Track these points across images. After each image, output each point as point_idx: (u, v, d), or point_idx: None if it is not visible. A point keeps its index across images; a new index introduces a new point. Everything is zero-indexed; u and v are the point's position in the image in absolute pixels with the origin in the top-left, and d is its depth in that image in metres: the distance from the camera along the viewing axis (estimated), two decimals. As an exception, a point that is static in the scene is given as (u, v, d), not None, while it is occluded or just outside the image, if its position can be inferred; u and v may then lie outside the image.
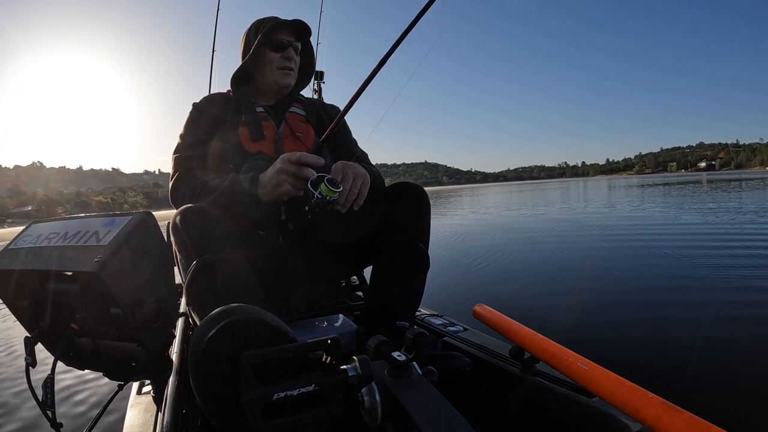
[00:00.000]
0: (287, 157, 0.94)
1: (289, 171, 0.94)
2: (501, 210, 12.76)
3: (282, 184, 0.94)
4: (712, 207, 8.88)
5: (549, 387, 0.89)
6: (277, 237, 1.16)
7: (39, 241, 0.78)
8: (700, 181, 31.01)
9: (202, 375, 0.51)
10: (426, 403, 0.55)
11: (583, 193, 22.06)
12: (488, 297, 3.05)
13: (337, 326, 1.10)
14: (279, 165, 0.95)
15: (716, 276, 3.17)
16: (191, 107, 1.26)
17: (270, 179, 0.96)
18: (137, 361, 0.80)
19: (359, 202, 0.97)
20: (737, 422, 1.29)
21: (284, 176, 0.94)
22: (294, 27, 1.25)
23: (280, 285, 1.16)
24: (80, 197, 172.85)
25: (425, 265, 1.12)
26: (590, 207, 11.54)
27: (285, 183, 0.94)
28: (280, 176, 0.94)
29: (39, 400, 0.71)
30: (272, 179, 0.95)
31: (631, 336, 2.11)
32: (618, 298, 2.80)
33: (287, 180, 0.94)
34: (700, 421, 0.57)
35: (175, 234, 0.92)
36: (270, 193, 0.97)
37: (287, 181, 0.94)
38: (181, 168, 1.12)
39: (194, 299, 0.87)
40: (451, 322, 1.34)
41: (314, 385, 0.52)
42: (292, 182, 0.94)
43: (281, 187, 0.94)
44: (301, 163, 0.93)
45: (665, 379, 1.63)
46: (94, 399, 1.77)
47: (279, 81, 1.24)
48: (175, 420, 0.63)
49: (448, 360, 0.96)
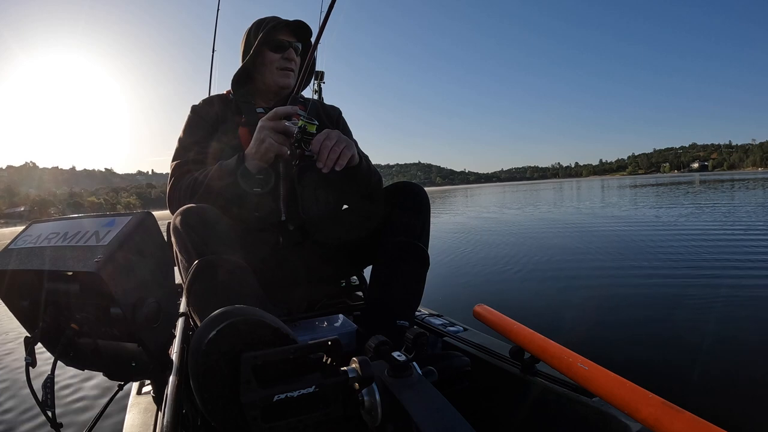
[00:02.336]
0: (264, 117, 1.00)
1: (269, 126, 0.98)
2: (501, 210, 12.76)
3: (264, 140, 0.98)
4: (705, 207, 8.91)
5: (549, 387, 0.89)
6: (277, 237, 1.16)
7: (39, 241, 0.78)
8: (692, 182, 31.14)
9: (203, 376, 0.51)
10: (426, 403, 0.55)
11: (577, 194, 22.11)
12: (488, 297, 3.05)
13: (337, 326, 1.10)
14: (259, 125, 1.00)
15: (716, 276, 3.18)
16: (190, 110, 1.25)
17: (253, 143, 1.00)
18: (137, 361, 0.80)
19: (342, 163, 0.98)
20: (737, 422, 1.30)
21: (265, 132, 0.98)
22: (294, 27, 1.25)
23: (281, 285, 1.16)
24: (73, 198, 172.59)
25: (425, 264, 1.12)
26: (586, 207, 11.55)
27: (267, 138, 0.97)
28: (260, 134, 0.98)
29: (39, 400, 0.71)
30: (255, 142, 0.99)
31: (631, 336, 2.11)
32: (618, 298, 2.80)
33: (269, 135, 0.97)
34: (700, 421, 0.57)
35: (176, 234, 0.92)
36: (255, 154, 0.99)
37: (269, 136, 0.97)
38: (177, 174, 1.12)
39: (195, 299, 0.87)
40: (451, 322, 1.34)
41: (315, 386, 0.52)
42: (274, 137, 0.98)
43: (264, 143, 0.98)
44: (278, 115, 0.98)
45: (665, 379, 1.63)
46: (94, 399, 1.77)
47: (278, 81, 1.24)
48: (175, 420, 0.63)
49: (448, 360, 0.96)
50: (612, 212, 9.33)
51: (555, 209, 11.50)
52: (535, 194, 24.88)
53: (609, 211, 9.56)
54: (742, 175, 56.90)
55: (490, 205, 15.60)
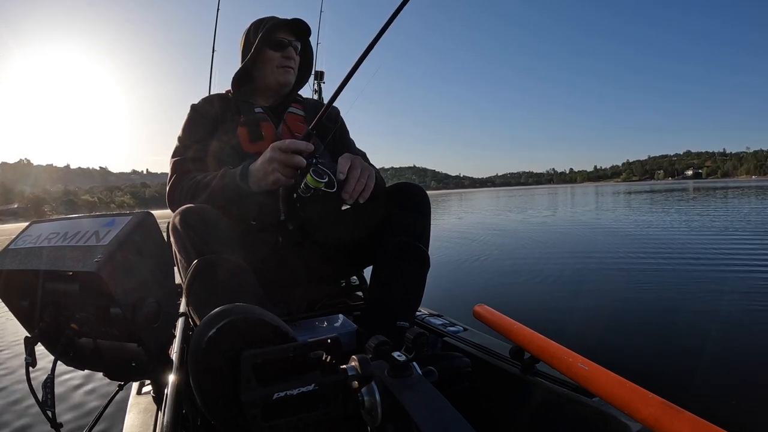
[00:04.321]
0: (277, 146, 0.92)
1: (279, 159, 0.91)
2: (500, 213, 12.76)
3: (272, 173, 0.92)
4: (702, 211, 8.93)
5: (549, 387, 0.89)
6: (277, 237, 1.16)
7: (39, 241, 0.78)
8: (686, 189, 31.26)
9: (202, 375, 0.51)
10: (426, 403, 0.55)
11: (571, 199, 22.17)
12: (488, 297, 3.05)
13: (337, 326, 1.10)
14: (269, 154, 0.93)
15: (716, 276, 3.18)
16: (189, 109, 1.25)
17: (260, 168, 0.94)
18: (137, 361, 0.80)
19: (365, 195, 0.95)
20: (737, 422, 1.30)
21: (274, 165, 0.92)
22: (294, 26, 1.25)
23: (280, 285, 1.16)
24: (68, 196, 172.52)
25: (425, 265, 1.11)
26: (583, 212, 11.56)
27: (275, 172, 0.92)
28: (270, 165, 0.92)
29: (39, 400, 0.71)
30: (262, 168, 0.94)
31: (632, 336, 2.11)
32: (618, 299, 2.80)
33: (277, 169, 0.92)
34: (701, 421, 0.57)
35: (175, 234, 0.92)
36: (260, 182, 0.95)
37: (277, 170, 0.92)
38: (177, 171, 1.11)
39: (194, 299, 0.87)
40: (451, 322, 1.34)
41: (314, 385, 0.52)
42: (282, 171, 0.92)
43: (271, 176, 0.92)
44: (291, 150, 0.91)
45: (665, 380, 1.63)
46: (94, 399, 1.77)
47: (279, 79, 1.24)
48: (175, 420, 0.63)
49: (448, 360, 0.96)
50: (610, 216, 9.34)
51: (552, 213, 11.51)
52: (531, 199, 24.95)
53: (607, 215, 9.57)
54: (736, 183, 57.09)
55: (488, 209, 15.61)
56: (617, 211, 10.54)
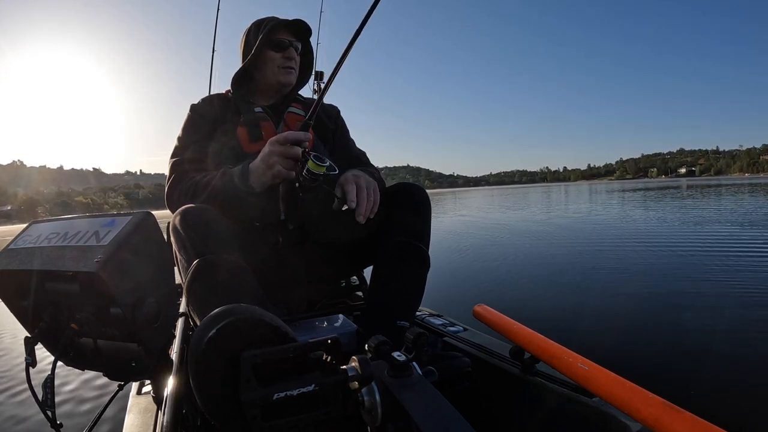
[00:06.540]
0: (275, 139, 0.94)
1: (278, 152, 0.93)
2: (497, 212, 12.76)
3: (273, 166, 0.93)
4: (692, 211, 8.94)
5: (549, 387, 0.89)
6: (277, 237, 1.16)
7: (39, 241, 0.77)
8: (680, 186, 31.33)
9: (202, 375, 0.51)
10: (426, 403, 0.55)
11: (565, 197, 22.22)
12: (488, 297, 3.05)
13: (337, 326, 1.10)
14: (268, 148, 0.94)
15: (715, 277, 3.17)
16: (189, 109, 1.25)
17: (261, 163, 0.95)
18: (137, 361, 0.80)
19: (375, 209, 0.97)
20: (738, 422, 1.29)
21: (274, 158, 0.93)
22: (294, 27, 1.25)
23: (280, 285, 1.16)
24: (61, 197, 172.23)
25: (425, 265, 1.11)
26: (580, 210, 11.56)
27: (275, 165, 0.93)
28: (270, 158, 0.94)
29: (39, 400, 0.71)
30: (263, 162, 0.95)
31: (632, 336, 2.11)
32: (618, 299, 2.80)
33: (278, 161, 0.93)
34: (701, 421, 0.57)
35: (175, 234, 0.92)
36: (262, 177, 0.96)
37: (278, 162, 0.93)
38: (177, 172, 1.11)
39: (194, 299, 0.87)
40: (451, 322, 1.34)
41: (314, 385, 0.52)
42: (283, 163, 0.93)
43: (272, 169, 0.94)
44: (290, 140, 0.93)
45: (665, 380, 1.63)
46: (94, 399, 1.77)
47: (280, 79, 1.24)
48: (175, 420, 0.63)
49: (448, 360, 0.96)
50: (608, 215, 9.34)
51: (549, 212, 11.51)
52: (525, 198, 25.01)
53: (606, 214, 9.57)
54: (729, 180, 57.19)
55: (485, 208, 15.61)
56: (614, 210, 10.54)
